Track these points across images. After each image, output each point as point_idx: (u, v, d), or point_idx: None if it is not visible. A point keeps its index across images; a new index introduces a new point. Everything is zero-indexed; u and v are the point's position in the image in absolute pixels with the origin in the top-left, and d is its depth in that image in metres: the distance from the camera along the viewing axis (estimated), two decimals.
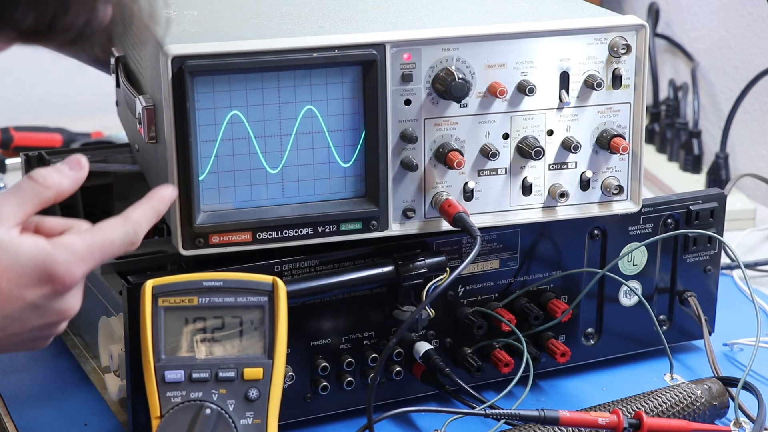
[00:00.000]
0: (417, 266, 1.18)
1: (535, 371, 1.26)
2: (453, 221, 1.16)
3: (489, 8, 1.25)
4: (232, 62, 1.09)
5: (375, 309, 1.21)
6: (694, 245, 1.33)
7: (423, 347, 1.23)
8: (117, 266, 1.22)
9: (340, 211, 1.16)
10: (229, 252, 1.14)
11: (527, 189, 1.21)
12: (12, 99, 2.32)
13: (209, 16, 1.24)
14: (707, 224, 1.32)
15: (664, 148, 1.98)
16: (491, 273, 1.26)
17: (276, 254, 1.16)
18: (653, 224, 1.30)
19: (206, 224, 1.13)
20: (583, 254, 1.29)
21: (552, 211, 1.22)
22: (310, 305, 1.18)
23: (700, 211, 1.32)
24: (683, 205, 1.31)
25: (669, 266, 1.33)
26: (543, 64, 1.18)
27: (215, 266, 1.15)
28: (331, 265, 1.18)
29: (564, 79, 1.19)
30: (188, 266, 1.17)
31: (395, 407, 1.18)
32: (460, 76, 1.14)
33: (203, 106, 1.11)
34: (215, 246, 1.14)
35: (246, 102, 1.12)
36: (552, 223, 1.25)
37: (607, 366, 1.34)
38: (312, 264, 1.18)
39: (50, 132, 2.03)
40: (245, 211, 1.14)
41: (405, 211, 1.18)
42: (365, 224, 1.17)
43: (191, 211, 1.12)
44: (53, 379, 1.30)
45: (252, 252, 1.15)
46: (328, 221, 1.16)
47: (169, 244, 1.15)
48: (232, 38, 1.11)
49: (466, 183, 1.19)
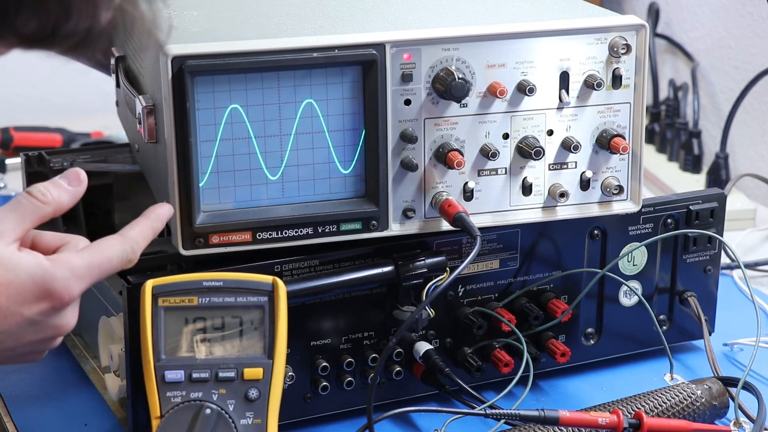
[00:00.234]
0: (417, 266, 1.18)
1: (535, 371, 1.26)
2: (453, 221, 1.16)
3: (489, 8, 1.25)
4: (232, 62, 1.09)
5: (375, 309, 1.21)
6: (694, 245, 1.33)
7: (423, 347, 1.23)
8: None
9: (340, 211, 1.16)
10: (229, 252, 1.14)
11: (527, 189, 1.21)
12: (12, 99, 2.32)
13: (209, 16, 1.24)
14: (707, 224, 1.32)
15: (664, 148, 1.98)
16: (491, 273, 1.26)
17: (276, 254, 1.16)
18: (653, 224, 1.30)
19: (206, 224, 1.13)
20: (583, 254, 1.29)
21: (552, 211, 1.22)
22: (310, 305, 1.18)
23: (700, 211, 1.32)
24: (683, 205, 1.31)
25: (669, 266, 1.33)
26: (543, 64, 1.18)
27: (215, 266, 1.15)
28: (331, 265, 1.18)
29: (564, 79, 1.19)
30: (188, 266, 1.17)
31: (395, 407, 1.18)
32: (460, 76, 1.14)
33: (203, 106, 1.11)
34: (215, 246, 1.14)
35: (246, 102, 1.12)
36: (552, 223, 1.25)
37: (607, 366, 1.34)
38: (312, 264, 1.18)
39: (50, 132, 2.03)
40: (245, 211, 1.14)
41: (405, 211, 1.18)
42: (365, 224, 1.17)
43: (191, 211, 1.12)
44: (53, 379, 1.30)
45: (252, 252, 1.15)
46: (328, 221, 1.15)
47: (169, 244, 1.15)
48: (232, 38, 1.11)
49: (466, 183, 1.19)
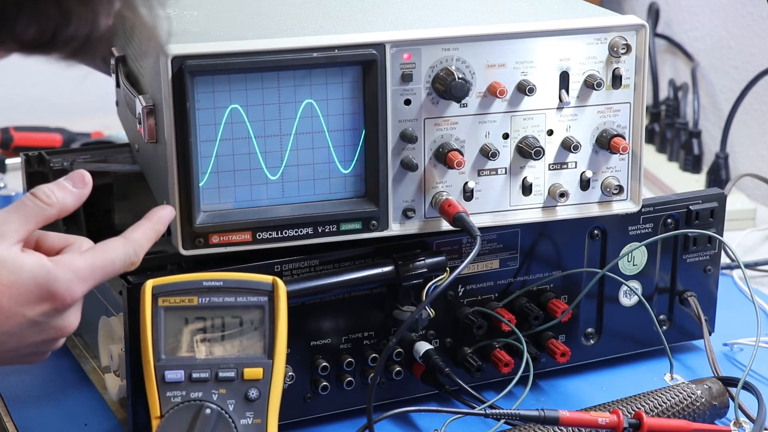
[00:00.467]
0: (417, 266, 1.18)
1: (535, 371, 1.26)
2: (453, 221, 1.16)
3: (489, 8, 1.25)
4: (232, 62, 1.09)
5: (375, 309, 1.21)
6: (694, 245, 1.33)
7: (423, 347, 1.23)
8: None
9: (340, 211, 1.16)
10: (229, 252, 1.14)
11: (527, 189, 1.21)
12: (12, 99, 2.32)
13: (209, 16, 1.24)
14: (707, 224, 1.32)
15: (664, 148, 1.98)
16: (491, 273, 1.26)
17: (276, 254, 1.16)
18: (653, 224, 1.30)
19: (206, 224, 1.13)
20: (583, 254, 1.29)
21: (552, 211, 1.22)
22: (310, 305, 1.18)
23: (700, 211, 1.32)
24: (683, 205, 1.31)
25: (669, 266, 1.33)
26: (543, 64, 1.18)
27: (215, 266, 1.15)
28: (331, 265, 1.18)
29: (564, 79, 1.19)
30: (188, 266, 1.17)
31: (395, 407, 1.17)
32: (460, 76, 1.14)
33: (203, 106, 1.11)
34: (215, 246, 1.14)
35: (246, 102, 1.12)
36: (552, 223, 1.25)
37: (607, 366, 1.34)
38: (312, 264, 1.18)
39: (50, 132, 2.03)
40: (245, 211, 1.14)
41: (405, 211, 1.18)
42: (365, 224, 1.17)
43: (191, 211, 1.12)
44: (53, 379, 1.30)
45: (252, 252, 1.15)
46: (328, 221, 1.15)
47: (169, 244, 1.15)
48: (232, 38, 1.11)
49: (466, 183, 1.19)
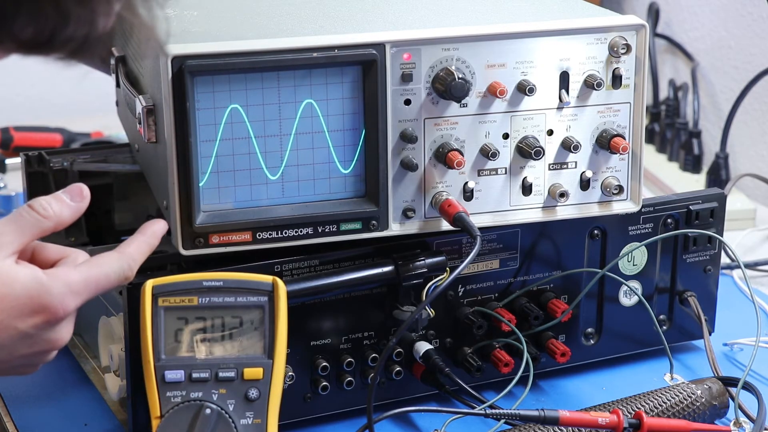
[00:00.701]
0: (417, 266, 1.18)
1: (535, 371, 1.26)
2: (453, 221, 1.16)
3: (489, 8, 1.25)
4: (232, 62, 1.09)
5: (375, 309, 1.21)
6: (694, 245, 1.33)
7: (423, 347, 1.23)
8: None
9: (340, 211, 1.16)
10: (229, 252, 1.14)
11: (527, 189, 1.21)
12: (12, 99, 2.32)
13: (209, 16, 1.24)
14: (707, 224, 1.32)
15: (664, 148, 1.98)
16: (491, 273, 1.26)
17: (276, 254, 1.16)
18: (653, 224, 1.30)
19: (206, 224, 1.13)
20: (583, 254, 1.29)
21: (552, 211, 1.22)
22: (310, 305, 1.18)
23: (700, 211, 1.32)
24: (683, 205, 1.31)
25: (669, 266, 1.33)
26: (543, 64, 1.18)
27: (215, 266, 1.15)
28: (331, 265, 1.18)
29: (564, 79, 1.19)
30: (188, 266, 1.17)
31: (395, 407, 1.17)
32: (460, 76, 1.14)
33: (203, 106, 1.11)
34: (215, 246, 1.14)
35: (246, 102, 1.12)
36: (552, 223, 1.25)
37: (607, 366, 1.34)
38: (312, 264, 1.18)
39: (50, 132, 2.03)
40: (245, 211, 1.14)
41: (405, 211, 1.18)
42: (365, 224, 1.17)
43: (191, 211, 1.12)
44: (53, 379, 1.30)
45: (252, 252, 1.15)
46: (328, 221, 1.15)
47: (169, 244, 1.15)
48: (232, 38, 1.11)
49: (466, 183, 1.19)
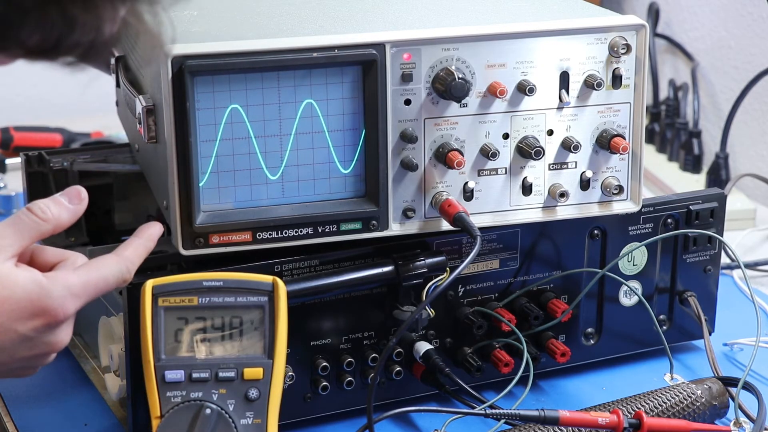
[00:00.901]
0: (417, 266, 1.18)
1: (535, 371, 1.26)
2: (453, 221, 1.16)
3: (489, 8, 1.25)
4: (232, 62, 1.09)
5: (375, 309, 1.21)
6: (694, 245, 1.33)
7: (423, 347, 1.23)
8: None
9: (340, 211, 1.16)
10: (229, 252, 1.14)
11: (527, 189, 1.21)
12: (12, 99, 2.32)
13: (209, 16, 1.24)
14: (707, 224, 1.32)
15: (664, 148, 1.98)
16: (491, 273, 1.26)
17: (276, 254, 1.16)
18: (653, 224, 1.30)
19: (206, 224, 1.13)
20: (583, 254, 1.29)
21: (552, 211, 1.22)
22: (310, 305, 1.18)
23: (700, 211, 1.32)
24: (683, 205, 1.31)
25: (669, 266, 1.33)
26: (543, 64, 1.18)
27: (215, 266, 1.15)
28: (331, 265, 1.18)
29: (564, 79, 1.19)
30: (188, 266, 1.17)
31: (395, 407, 1.17)
32: (460, 76, 1.14)
33: (203, 106, 1.11)
34: (215, 246, 1.14)
35: (246, 102, 1.12)
36: (552, 223, 1.25)
37: (607, 366, 1.34)
38: (312, 264, 1.18)
39: (50, 132, 2.03)
40: (245, 211, 1.14)
41: (405, 211, 1.18)
42: (365, 224, 1.17)
43: (191, 211, 1.12)
44: (53, 379, 1.30)
45: (252, 252, 1.15)
46: (328, 221, 1.15)
47: (169, 244, 1.15)
48: (232, 38, 1.11)
49: (466, 183, 1.19)
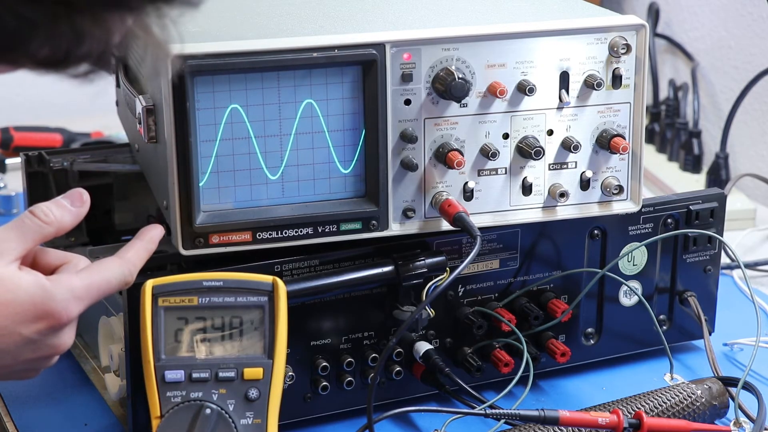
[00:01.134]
0: (417, 266, 1.18)
1: (535, 371, 1.26)
2: (453, 221, 1.16)
3: (489, 8, 1.25)
4: (232, 62, 1.09)
5: (375, 309, 1.21)
6: (694, 245, 1.33)
7: (423, 347, 1.23)
8: None
9: (340, 211, 1.16)
10: (229, 252, 1.14)
11: (527, 189, 1.21)
12: (12, 99, 2.32)
13: (209, 16, 1.23)
14: (707, 224, 1.32)
15: (664, 148, 1.98)
16: (491, 273, 1.26)
17: (276, 254, 1.16)
18: (653, 224, 1.30)
19: (206, 224, 1.13)
20: (583, 254, 1.29)
21: (552, 211, 1.22)
22: (310, 305, 1.18)
23: (700, 211, 1.32)
24: (683, 205, 1.31)
25: (669, 266, 1.33)
26: (543, 64, 1.18)
27: (215, 266, 1.15)
28: (331, 265, 1.18)
29: (564, 79, 1.19)
30: (188, 266, 1.17)
31: (395, 407, 1.17)
32: (460, 76, 1.14)
33: (203, 106, 1.11)
34: (215, 246, 1.14)
35: (246, 102, 1.12)
36: (552, 223, 1.25)
37: (607, 366, 1.34)
38: (312, 264, 1.18)
39: (50, 132, 2.03)
40: (245, 211, 1.14)
41: (405, 211, 1.18)
42: (365, 224, 1.17)
43: (191, 211, 1.12)
44: (53, 379, 1.30)
45: (252, 252, 1.15)
46: (328, 221, 1.15)
47: (169, 244, 1.15)
48: (232, 38, 1.11)
49: (466, 183, 1.19)
